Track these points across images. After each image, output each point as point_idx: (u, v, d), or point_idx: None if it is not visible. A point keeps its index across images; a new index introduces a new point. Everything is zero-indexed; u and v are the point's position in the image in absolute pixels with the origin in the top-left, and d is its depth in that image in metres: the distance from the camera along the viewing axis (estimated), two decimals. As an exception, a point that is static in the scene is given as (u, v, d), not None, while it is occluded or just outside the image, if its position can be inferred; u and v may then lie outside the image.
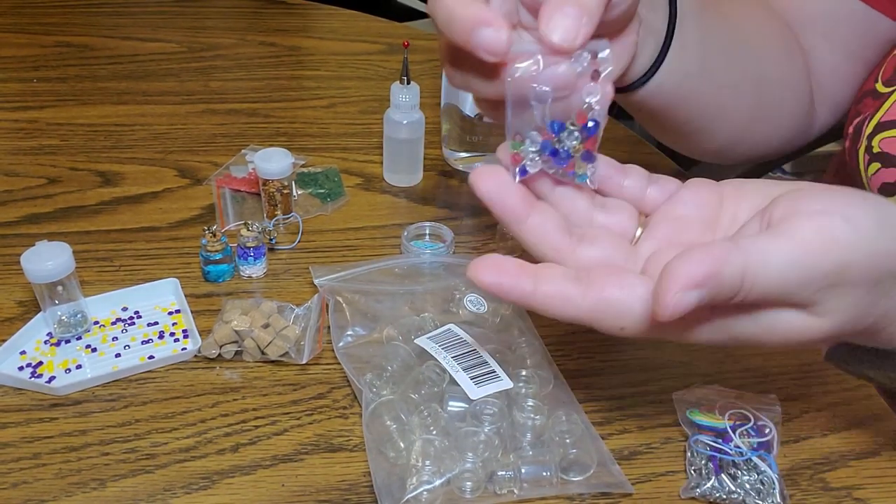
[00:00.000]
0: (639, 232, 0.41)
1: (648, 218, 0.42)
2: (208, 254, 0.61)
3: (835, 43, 0.65)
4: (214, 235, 0.61)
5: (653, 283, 0.35)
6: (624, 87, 0.51)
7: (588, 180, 0.39)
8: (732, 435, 0.50)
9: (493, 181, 0.38)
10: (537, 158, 0.38)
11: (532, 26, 0.40)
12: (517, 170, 0.38)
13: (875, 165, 0.58)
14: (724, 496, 0.47)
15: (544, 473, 0.47)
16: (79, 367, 0.55)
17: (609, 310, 0.36)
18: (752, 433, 0.50)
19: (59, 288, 0.55)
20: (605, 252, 0.39)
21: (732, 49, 0.58)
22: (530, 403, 0.51)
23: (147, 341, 0.57)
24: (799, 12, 0.65)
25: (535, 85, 0.37)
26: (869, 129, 0.59)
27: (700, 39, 0.53)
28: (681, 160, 0.81)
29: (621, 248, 0.40)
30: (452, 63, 0.41)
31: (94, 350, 0.56)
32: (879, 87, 0.60)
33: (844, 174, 0.65)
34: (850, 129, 0.62)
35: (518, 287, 0.36)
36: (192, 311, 0.58)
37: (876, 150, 0.58)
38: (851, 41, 0.64)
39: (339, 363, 0.55)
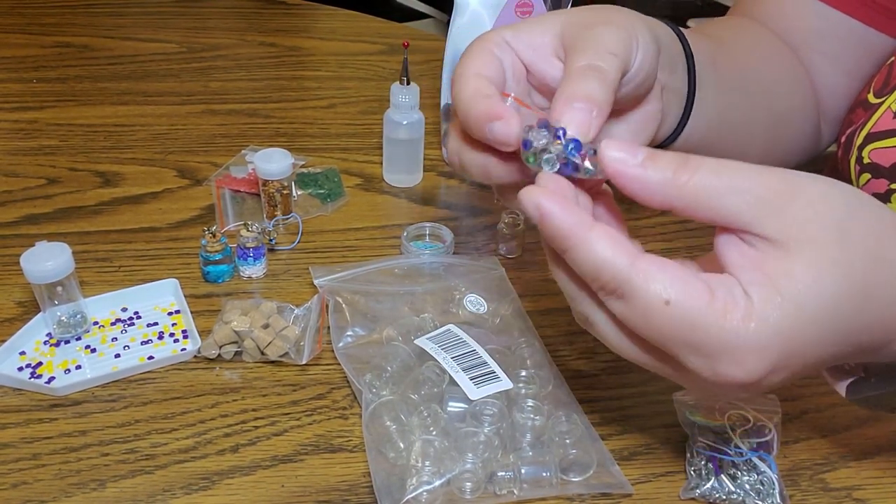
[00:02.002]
0: None
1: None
2: (208, 254, 0.61)
3: (833, 60, 0.66)
4: (214, 236, 0.61)
5: None
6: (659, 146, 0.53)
7: (592, 172, 0.39)
8: (732, 435, 0.50)
9: (551, 193, 0.37)
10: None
11: (544, 107, 0.43)
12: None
13: (865, 176, 0.58)
14: (724, 497, 0.47)
15: (544, 474, 0.47)
16: (78, 367, 0.55)
17: (664, 274, 0.35)
18: (752, 434, 0.50)
19: (59, 288, 0.55)
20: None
21: (746, 91, 0.60)
22: (530, 404, 0.51)
23: (147, 342, 0.57)
24: (798, 32, 0.66)
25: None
26: (859, 140, 0.59)
27: (717, 90, 0.54)
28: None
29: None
30: (503, 191, 0.44)
31: (93, 350, 0.56)
32: (871, 97, 0.61)
33: (836, 177, 0.65)
34: (843, 139, 0.62)
35: (577, 214, 0.36)
36: (191, 312, 0.58)
37: (866, 160, 0.58)
38: (849, 58, 0.65)
39: (338, 364, 0.55)
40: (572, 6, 0.71)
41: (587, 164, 0.38)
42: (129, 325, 0.58)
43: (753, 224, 0.35)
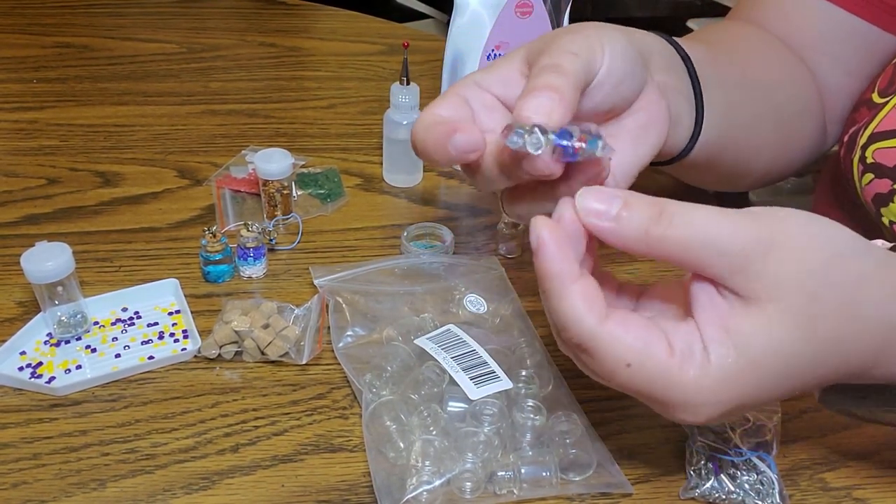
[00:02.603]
0: None
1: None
2: (208, 254, 0.61)
3: (838, 61, 0.66)
4: (214, 236, 0.61)
5: None
6: (669, 160, 0.54)
7: (598, 143, 0.39)
8: (732, 435, 0.50)
9: (554, 233, 0.38)
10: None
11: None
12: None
13: (868, 176, 0.58)
14: (724, 496, 0.47)
15: (544, 474, 0.48)
16: (78, 367, 0.55)
17: (626, 339, 0.38)
18: (752, 433, 0.50)
19: (59, 288, 0.55)
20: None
21: (750, 90, 0.60)
22: (530, 404, 0.51)
23: (147, 342, 0.57)
24: (802, 34, 0.66)
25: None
26: (863, 140, 0.59)
27: (722, 90, 0.55)
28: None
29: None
30: (511, 200, 0.46)
31: (93, 350, 0.56)
32: (875, 97, 0.61)
33: (838, 176, 0.65)
34: (846, 138, 0.62)
35: (566, 263, 0.38)
36: (191, 312, 0.58)
37: (869, 160, 0.58)
38: (853, 58, 0.65)
39: (338, 363, 0.55)
40: (572, 6, 0.71)
41: (583, 144, 0.39)
42: (129, 325, 0.58)
43: (723, 279, 0.37)
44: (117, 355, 0.56)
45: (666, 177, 0.82)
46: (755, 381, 0.37)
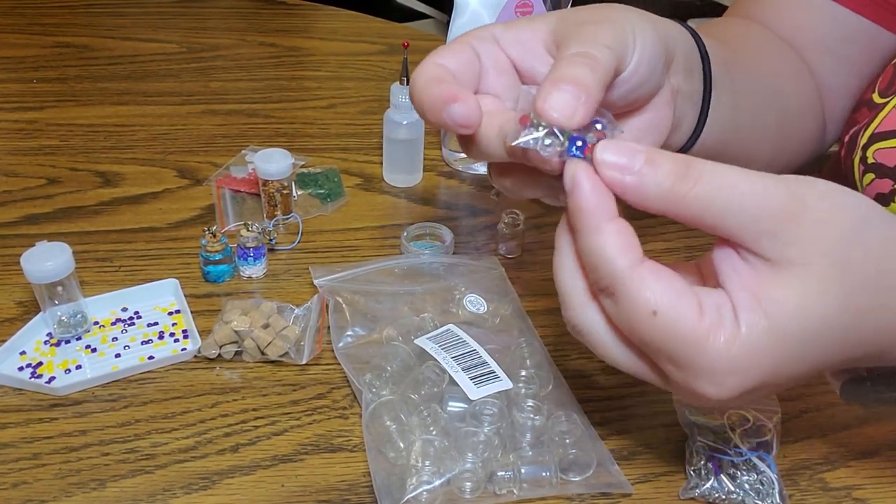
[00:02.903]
0: None
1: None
2: (208, 254, 0.61)
3: (840, 60, 0.66)
4: (214, 236, 0.61)
5: None
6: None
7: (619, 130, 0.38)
8: (732, 435, 0.50)
9: (592, 173, 0.36)
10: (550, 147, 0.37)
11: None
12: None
13: (869, 176, 0.58)
14: (724, 496, 0.47)
15: (544, 474, 0.48)
16: (78, 367, 0.55)
17: (657, 284, 0.35)
18: (752, 433, 0.50)
19: (59, 288, 0.55)
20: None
21: (757, 92, 0.59)
22: (530, 404, 0.51)
23: (147, 342, 0.57)
24: (805, 34, 0.65)
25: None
26: (864, 140, 0.59)
27: (730, 92, 0.53)
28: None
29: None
30: (500, 173, 0.42)
31: (93, 350, 0.56)
32: (875, 97, 0.61)
33: (839, 176, 0.65)
34: (846, 138, 0.62)
35: (606, 201, 0.35)
36: (191, 312, 0.58)
37: (870, 160, 0.58)
38: (856, 57, 0.65)
39: (338, 363, 0.55)
40: (572, 6, 0.71)
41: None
42: (129, 325, 0.58)
43: (750, 243, 0.35)
44: (117, 355, 0.56)
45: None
46: (786, 351, 0.35)
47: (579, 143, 0.36)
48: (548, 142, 0.36)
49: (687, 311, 0.35)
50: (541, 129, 0.36)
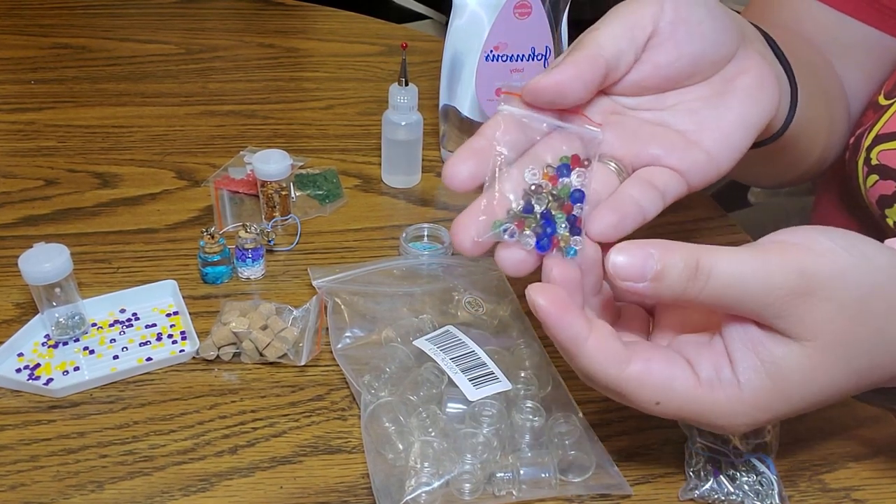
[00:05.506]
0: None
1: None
2: (206, 255, 0.61)
3: (848, 64, 0.66)
4: (213, 237, 0.61)
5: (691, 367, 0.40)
6: (774, 135, 0.52)
7: (576, 252, 0.40)
8: (731, 436, 0.50)
9: (552, 298, 0.38)
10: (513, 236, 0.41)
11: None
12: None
13: (873, 177, 0.58)
14: (723, 497, 0.47)
15: (543, 475, 0.47)
16: (76, 369, 0.54)
17: (650, 380, 0.39)
18: (751, 435, 0.50)
19: (57, 290, 0.55)
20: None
21: (812, 74, 0.59)
22: (529, 405, 0.51)
23: (145, 343, 0.57)
24: (819, 36, 0.66)
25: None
26: (868, 141, 0.59)
27: (800, 76, 0.53)
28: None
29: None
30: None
31: (91, 352, 0.56)
32: (881, 99, 0.61)
33: (843, 177, 0.65)
34: (851, 140, 0.62)
35: (574, 326, 0.38)
36: (190, 313, 0.58)
37: (874, 161, 0.58)
38: (866, 61, 0.66)
39: (337, 365, 0.55)
40: (571, 6, 0.71)
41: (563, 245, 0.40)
42: (127, 327, 0.58)
43: (762, 319, 0.38)
44: (115, 357, 0.56)
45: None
46: (788, 406, 0.39)
47: (545, 240, 0.40)
48: (516, 238, 0.40)
49: (684, 386, 0.39)
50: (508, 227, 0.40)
